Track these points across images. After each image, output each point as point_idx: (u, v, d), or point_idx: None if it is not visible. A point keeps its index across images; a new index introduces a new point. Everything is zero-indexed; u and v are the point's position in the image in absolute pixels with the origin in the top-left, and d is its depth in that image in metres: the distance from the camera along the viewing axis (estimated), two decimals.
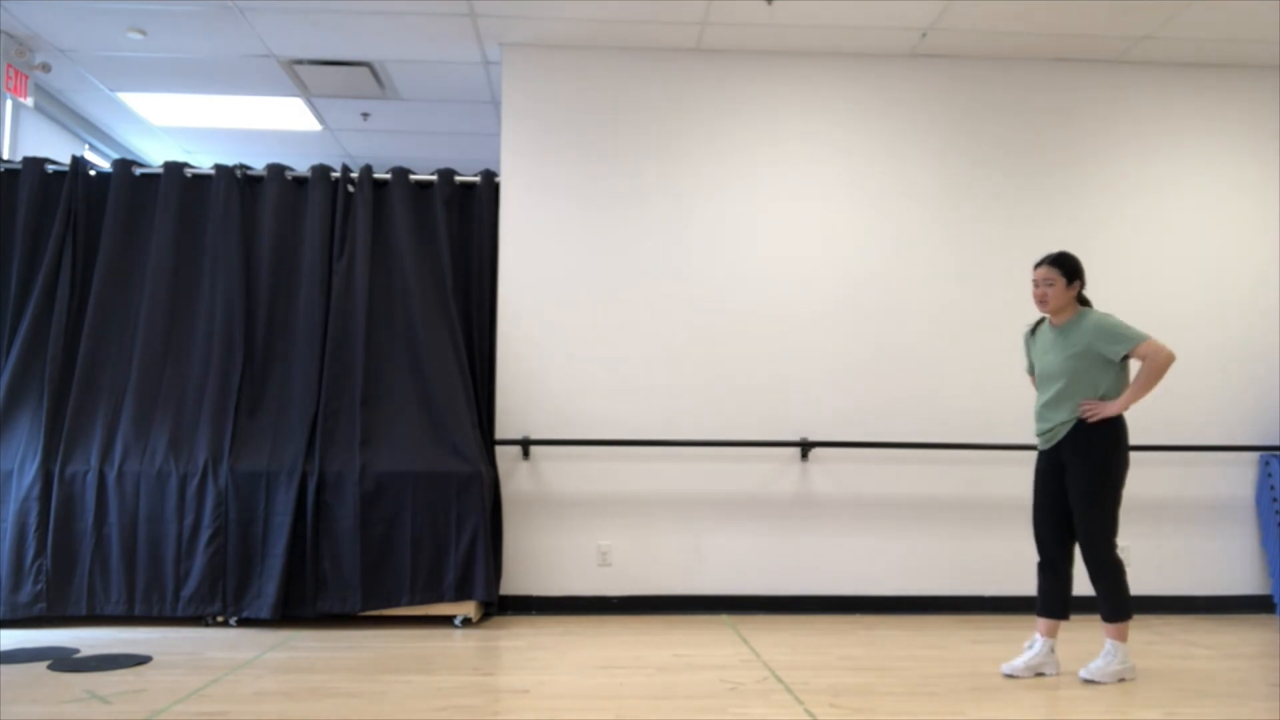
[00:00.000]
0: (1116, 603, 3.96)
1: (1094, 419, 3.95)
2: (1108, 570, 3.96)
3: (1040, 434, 4.13)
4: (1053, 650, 4.08)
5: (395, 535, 4.93)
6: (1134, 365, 4.08)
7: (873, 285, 5.68)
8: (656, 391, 5.55)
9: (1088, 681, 3.91)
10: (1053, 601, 4.09)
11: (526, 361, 5.52)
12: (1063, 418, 4.03)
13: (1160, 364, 3.91)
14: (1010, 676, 4.01)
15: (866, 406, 5.58)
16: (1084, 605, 4.99)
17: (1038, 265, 4.09)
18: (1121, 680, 3.94)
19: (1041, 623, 4.10)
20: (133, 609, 4.84)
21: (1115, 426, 4.00)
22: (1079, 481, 3.99)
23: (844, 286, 5.67)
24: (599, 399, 5.51)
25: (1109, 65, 5.86)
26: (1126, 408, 3.96)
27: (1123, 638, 3.97)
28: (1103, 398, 3.99)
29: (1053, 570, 4.11)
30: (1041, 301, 4.05)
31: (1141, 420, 5.65)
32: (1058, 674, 4.05)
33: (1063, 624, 4.12)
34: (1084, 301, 4.14)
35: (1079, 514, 3.98)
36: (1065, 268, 4.04)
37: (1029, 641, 4.13)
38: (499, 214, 5.61)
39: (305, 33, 5.59)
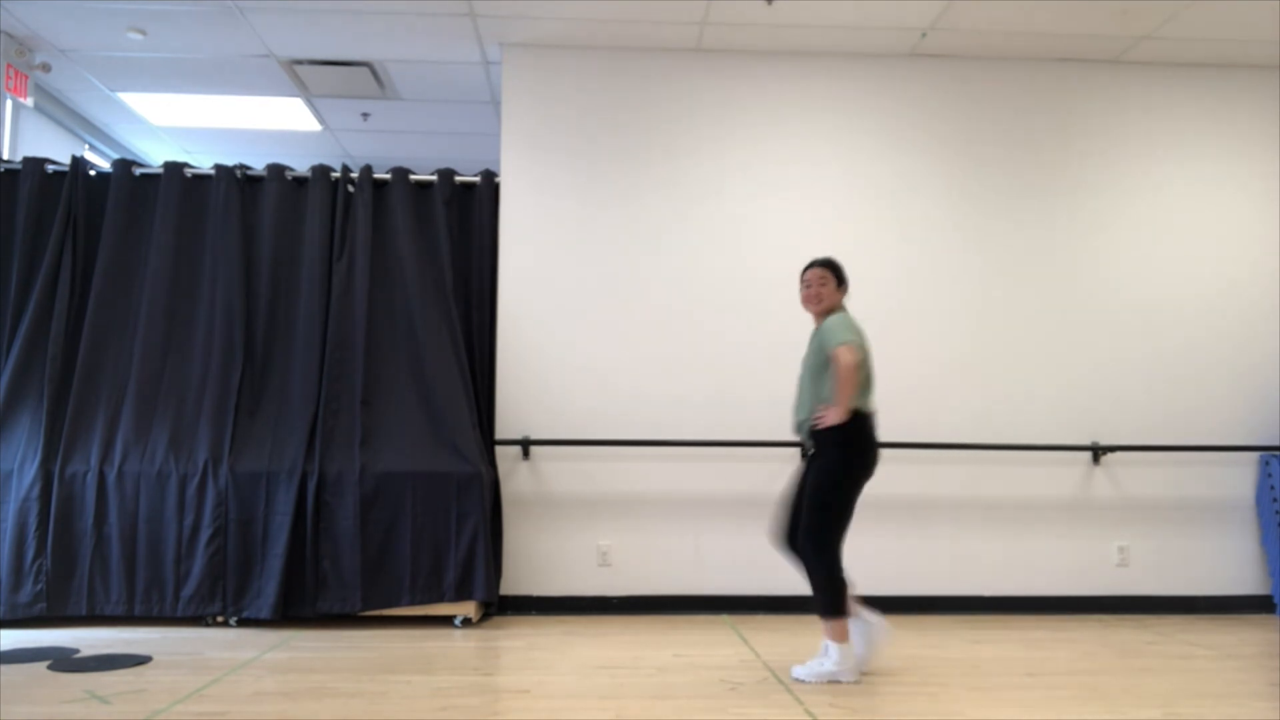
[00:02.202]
0: (823, 599, 3.87)
1: (821, 425, 3.95)
2: (816, 569, 3.89)
3: (794, 430, 4.17)
4: (845, 654, 3.92)
5: (395, 535, 4.93)
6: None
7: (872, 284, 5.67)
8: (657, 391, 5.55)
9: (797, 681, 3.88)
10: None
11: (526, 361, 5.52)
12: (803, 415, 4.08)
13: (841, 370, 3.86)
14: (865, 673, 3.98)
15: None
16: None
17: (809, 267, 4.14)
18: (834, 681, 3.85)
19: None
20: (133, 609, 4.84)
21: (847, 431, 3.91)
22: (810, 478, 3.99)
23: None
24: (599, 399, 5.51)
25: (1109, 65, 5.86)
26: (841, 415, 3.88)
27: (839, 638, 3.87)
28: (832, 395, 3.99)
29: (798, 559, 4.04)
30: (816, 300, 4.09)
31: (1141, 420, 5.68)
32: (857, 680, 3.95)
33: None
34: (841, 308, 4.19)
35: (805, 509, 3.95)
36: (837, 271, 4.12)
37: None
38: (499, 214, 5.61)
39: (305, 33, 5.59)
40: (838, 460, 3.94)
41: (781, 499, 4.17)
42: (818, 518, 3.91)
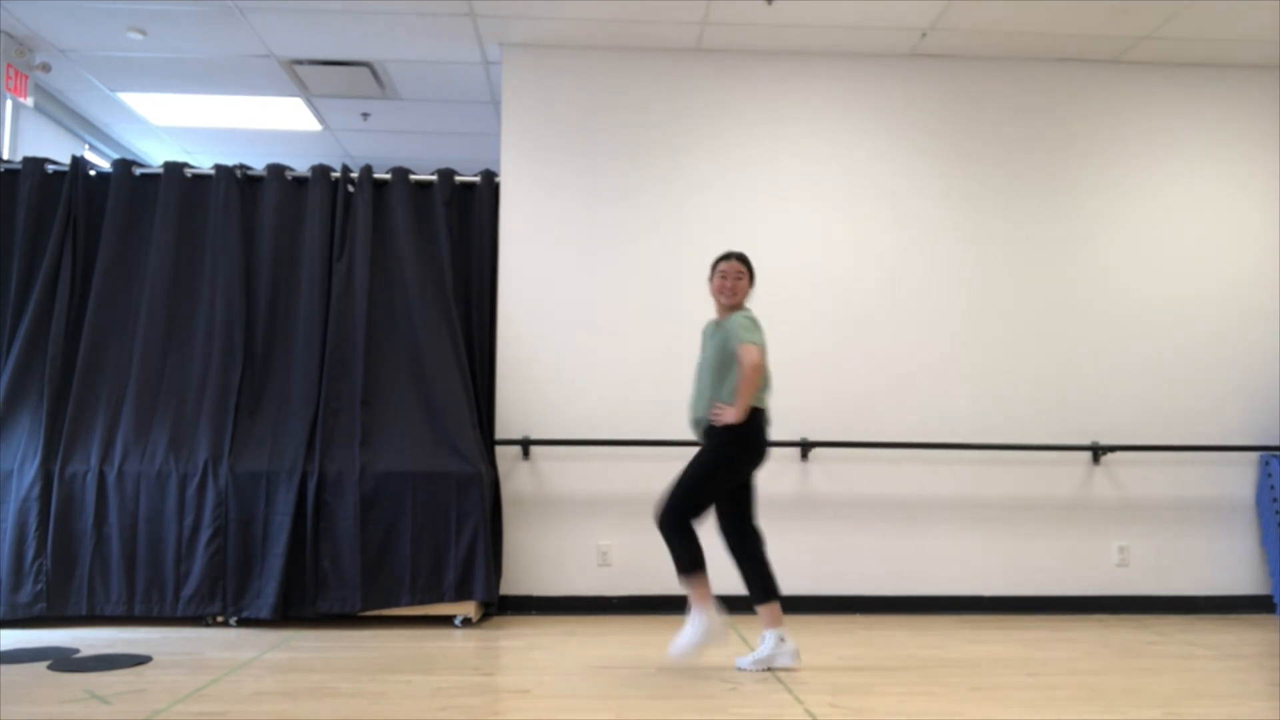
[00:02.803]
0: (686, 559, 3.96)
1: (718, 423, 3.99)
2: (669, 532, 3.97)
3: (692, 423, 4.18)
4: (783, 639, 4.04)
5: (395, 535, 4.93)
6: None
7: (872, 284, 5.68)
8: (657, 391, 5.54)
9: (740, 670, 3.99)
10: (752, 589, 4.06)
11: (526, 361, 5.52)
12: (700, 413, 4.10)
13: (745, 370, 3.92)
14: (741, 670, 4.02)
15: (866, 406, 5.58)
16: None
17: (727, 259, 4.18)
18: (768, 669, 3.96)
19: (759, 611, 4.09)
20: (133, 609, 4.84)
21: (740, 427, 3.98)
22: (694, 459, 4.04)
23: (843, 286, 5.67)
24: (599, 399, 5.51)
25: (1109, 65, 5.86)
26: (740, 415, 3.94)
27: (776, 622, 4.00)
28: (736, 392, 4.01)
29: (739, 558, 4.09)
30: (732, 294, 4.13)
31: (1141, 420, 5.68)
32: (794, 668, 4.03)
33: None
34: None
35: (677, 484, 4.01)
36: (752, 268, 4.19)
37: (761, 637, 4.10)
38: (499, 214, 5.61)
39: (305, 33, 5.59)
40: (725, 453, 4.01)
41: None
42: (687, 499, 3.98)
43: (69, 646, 4.38)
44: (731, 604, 5.45)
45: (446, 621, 5.01)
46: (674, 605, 5.41)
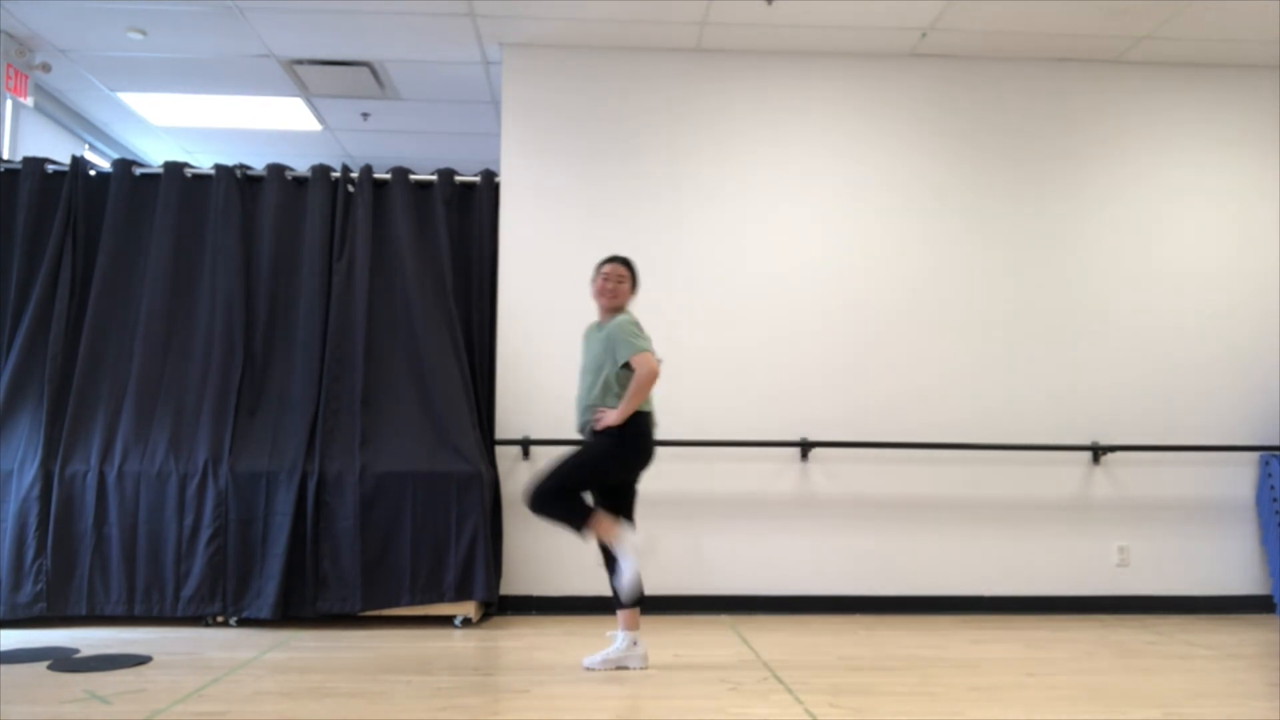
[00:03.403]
0: (624, 590, 3.97)
1: (599, 426, 3.99)
2: (543, 507, 3.98)
3: (578, 429, 4.17)
4: (635, 644, 4.06)
5: (395, 535, 4.93)
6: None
7: (872, 284, 5.68)
8: (656, 391, 5.51)
9: (588, 669, 3.98)
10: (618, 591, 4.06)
11: (526, 361, 5.52)
12: (586, 416, 4.09)
13: (642, 377, 3.93)
14: (590, 669, 4.01)
15: (866, 406, 5.58)
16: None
17: (610, 261, 4.21)
18: (621, 669, 3.97)
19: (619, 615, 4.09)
20: (133, 609, 4.84)
21: (626, 429, 3.98)
22: (582, 449, 4.05)
23: (844, 286, 5.67)
24: None
25: (1109, 65, 5.86)
26: (623, 418, 3.94)
27: (633, 625, 4.01)
28: (619, 395, 4.01)
29: (611, 560, 4.08)
30: (614, 296, 4.14)
31: (1141, 420, 5.68)
32: (644, 668, 4.04)
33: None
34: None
35: (559, 465, 4.02)
36: (634, 272, 4.20)
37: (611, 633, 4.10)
38: (499, 214, 5.61)
39: (305, 33, 5.59)
40: (611, 452, 4.01)
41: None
42: (559, 482, 3.97)
43: (69, 646, 4.38)
44: (732, 604, 5.46)
45: (446, 621, 5.01)
46: (674, 605, 5.41)
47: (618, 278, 4.17)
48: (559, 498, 3.98)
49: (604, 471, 4.06)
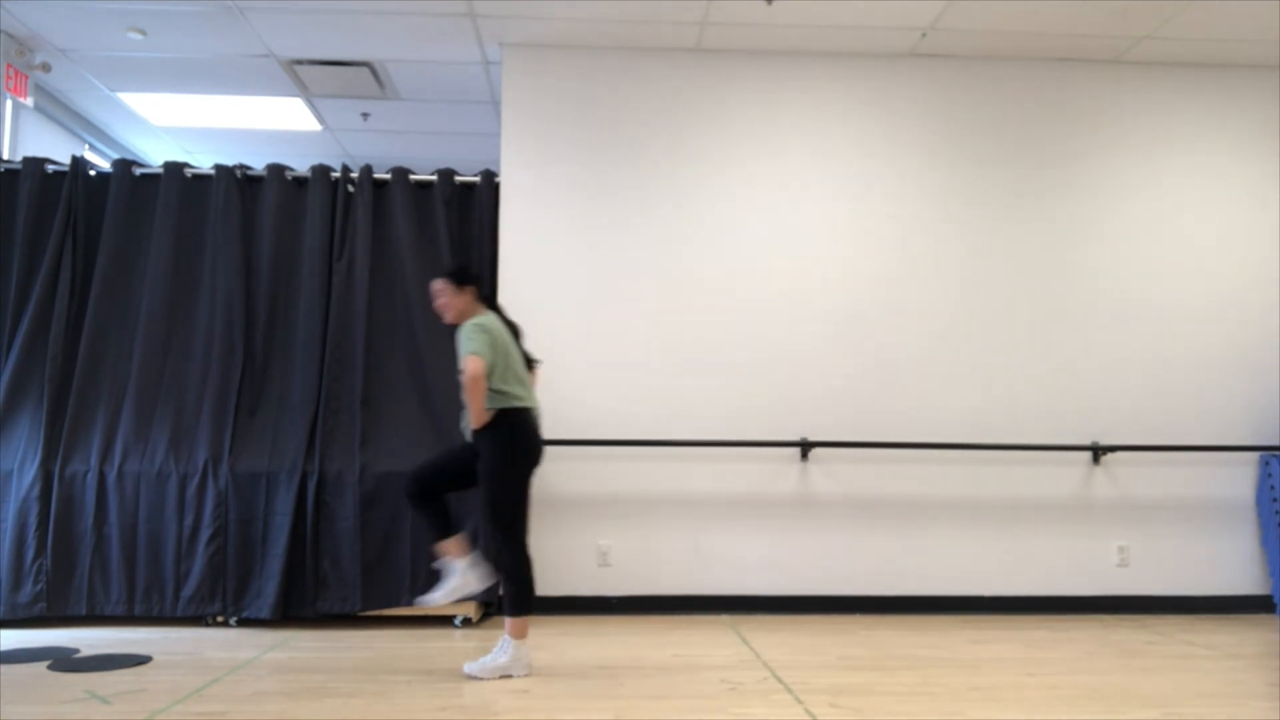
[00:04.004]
0: (513, 593, 3.94)
1: (474, 431, 3.99)
2: (505, 567, 3.96)
3: (463, 430, 4.14)
4: (520, 651, 3.99)
5: (395, 535, 4.93)
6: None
7: (872, 285, 5.68)
8: (656, 391, 5.55)
9: (469, 677, 3.91)
10: (506, 597, 4.02)
11: None
12: (466, 419, 4.06)
13: (466, 380, 3.90)
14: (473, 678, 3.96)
15: (866, 406, 5.58)
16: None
17: (433, 281, 4.17)
18: (506, 676, 3.92)
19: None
20: (133, 609, 4.85)
21: (500, 430, 3.96)
22: (483, 480, 4.00)
23: (844, 285, 5.67)
24: (599, 399, 5.51)
25: (1109, 65, 5.86)
26: (478, 421, 3.93)
27: (519, 634, 3.96)
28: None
29: (421, 505, 4.10)
30: (445, 309, 4.12)
31: (1141, 420, 5.68)
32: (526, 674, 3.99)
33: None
34: (493, 306, 4.21)
35: (482, 509, 4.04)
36: (455, 276, 4.12)
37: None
38: (499, 214, 5.61)
39: (305, 33, 5.59)
40: (495, 460, 3.97)
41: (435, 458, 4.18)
42: (495, 517, 3.96)
43: (69, 646, 4.38)
44: (732, 604, 5.46)
45: (446, 621, 5.01)
46: (674, 605, 5.42)
47: (438, 294, 4.13)
48: (517, 553, 3.95)
49: (511, 482, 3.99)
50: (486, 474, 3.97)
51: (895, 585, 5.51)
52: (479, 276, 4.24)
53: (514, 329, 4.25)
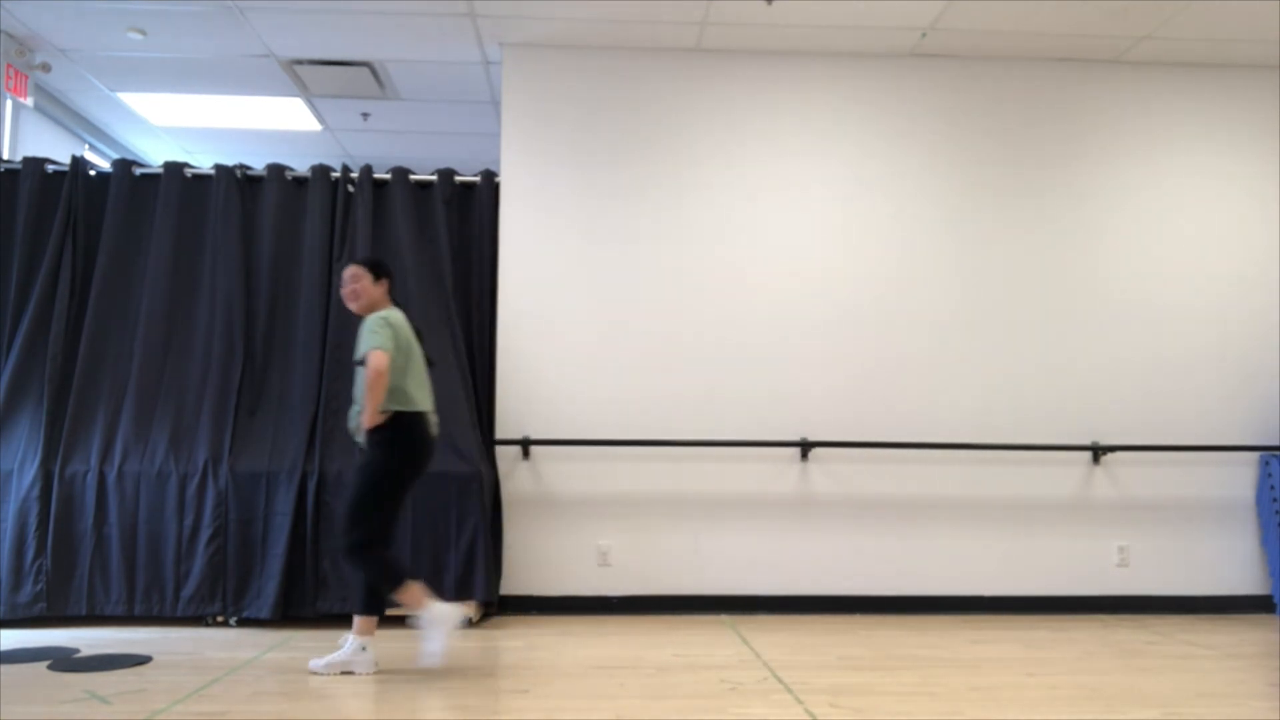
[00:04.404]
0: (363, 595, 3.91)
1: (365, 429, 3.93)
2: (355, 563, 3.89)
3: (352, 430, 4.08)
4: (364, 649, 3.98)
5: (395, 535, 4.92)
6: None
7: (872, 285, 5.68)
8: (656, 391, 5.55)
9: (313, 673, 3.88)
10: (360, 596, 4.01)
11: (526, 361, 5.52)
12: (354, 418, 4.02)
13: (368, 375, 3.84)
14: (315, 673, 3.93)
15: (866, 406, 5.58)
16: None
17: (346, 265, 4.12)
18: (347, 673, 3.91)
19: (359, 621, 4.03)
20: (133, 609, 4.85)
21: (392, 431, 3.92)
22: (354, 477, 3.96)
23: (844, 286, 5.67)
24: (599, 399, 5.52)
25: (1109, 65, 5.86)
26: (370, 420, 3.86)
27: (366, 632, 3.93)
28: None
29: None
30: (354, 298, 4.05)
31: (1141, 420, 5.68)
32: (372, 673, 3.97)
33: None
34: (397, 303, 4.19)
35: (346, 508, 3.92)
36: (373, 267, 4.10)
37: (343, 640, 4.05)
38: (499, 214, 5.61)
39: (305, 33, 5.59)
40: (383, 461, 3.91)
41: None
42: (361, 524, 3.87)
43: (69, 646, 4.38)
44: (732, 604, 5.46)
45: None
46: (674, 605, 5.42)
47: (353, 279, 4.06)
48: (369, 556, 3.87)
49: (388, 488, 3.92)
50: (367, 471, 3.89)
51: (895, 585, 5.51)
52: (393, 274, 4.22)
53: (418, 332, 4.18)
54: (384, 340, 3.87)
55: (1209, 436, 5.70)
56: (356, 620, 3.99)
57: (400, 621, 4.97)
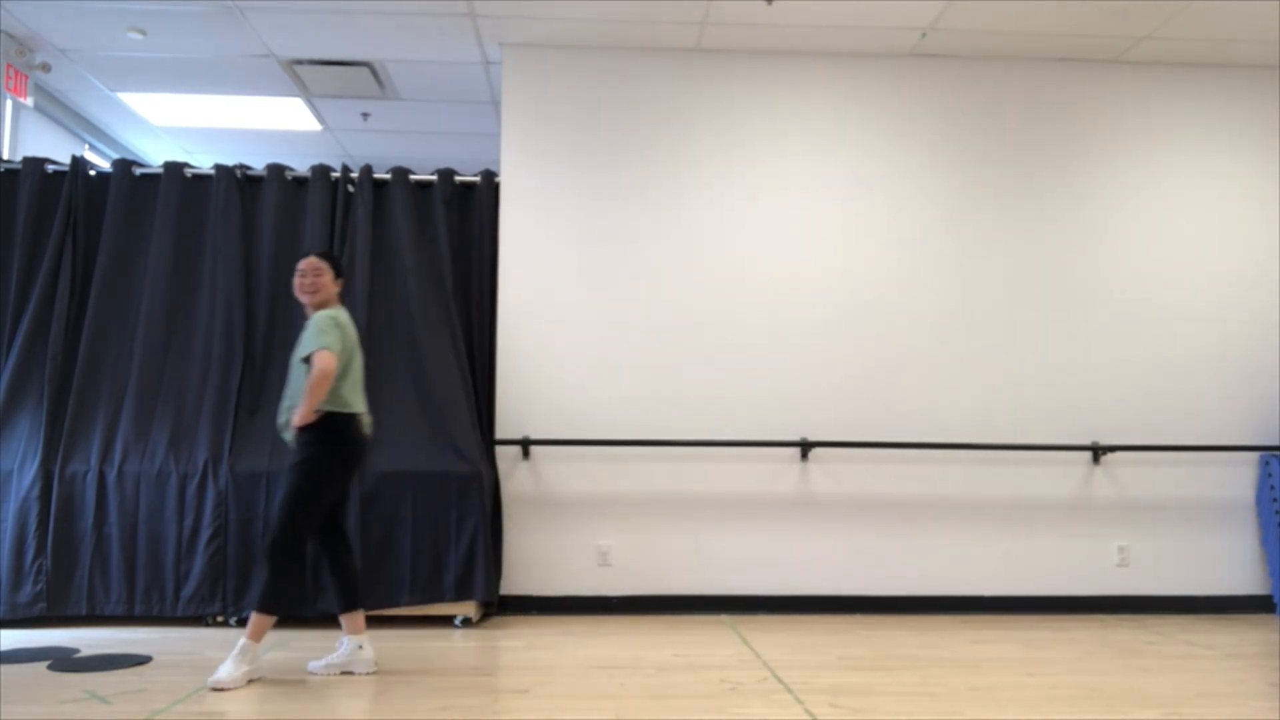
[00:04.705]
0: (266, 594, 3.79)
1: (293, 426, 3.89)
2: (274, 564, 3.81)
3: (281, 426, 4.02)
4: (361, 648, 3.97)
5: (395, 535, 4.93)
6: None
7: (872, 285, 5.68)
8: (656, 391, 5.55)
9: (216, 689, 3.66)
10: (338, 596, 3.99)
11: (526, 361, 5.52)
12: (285, 415, 3.98)
13: (315, 374, 3.78)
14: (314, 674, 3.91)
15: (866, 406, 5.58)
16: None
17: (306, 256, 4.05)
18: (347, 673, 3.88)
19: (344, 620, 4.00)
20: (133, 609, 4.85)
21: (325, 431, 3.89)
22: (288, 476, 3.90)
23: (844, 286, 5.67)
24: (599, 399, 5.52)
25: (1109, 65, 5.86)
26: (305, 418, 3.82)
27: (256, 636, 3.78)
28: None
29: (331, 566, 4.00)
30: (312, 291, 4.00)
31: (1141, 420, 5.68)
32: (371, 673, 3.96)
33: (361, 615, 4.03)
34: (343, 302, 4.19)
35: (279, 507, 3.86)
36: (334, 263, 4.07)
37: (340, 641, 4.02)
38: (499, 214, 5.61)
39: (305, 33, 5.60)
40: (315, 463, 3.87)
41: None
42: (292, 524, 3.83)
43: (69, 646, 4.38)
44: (732, 604, 5.46)
45: (446, 621, 5.01)
46: (674, 605, 5.42)
47: (314, 270, 4.01)
48: (292, 556, 3.82)
49: (321, 489, 3.87)
50: (299, 473, 3.85)
51: (895, 585, 5.51)
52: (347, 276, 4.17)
53: (360, 334, 4.18)
54: (333, 340, 3.85)
55: (1209, 436, 5.70)
56: (347, 620, 3.97)
57: (400, 622, 4.97)
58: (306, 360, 3.86)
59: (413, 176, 5.55)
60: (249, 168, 5.55)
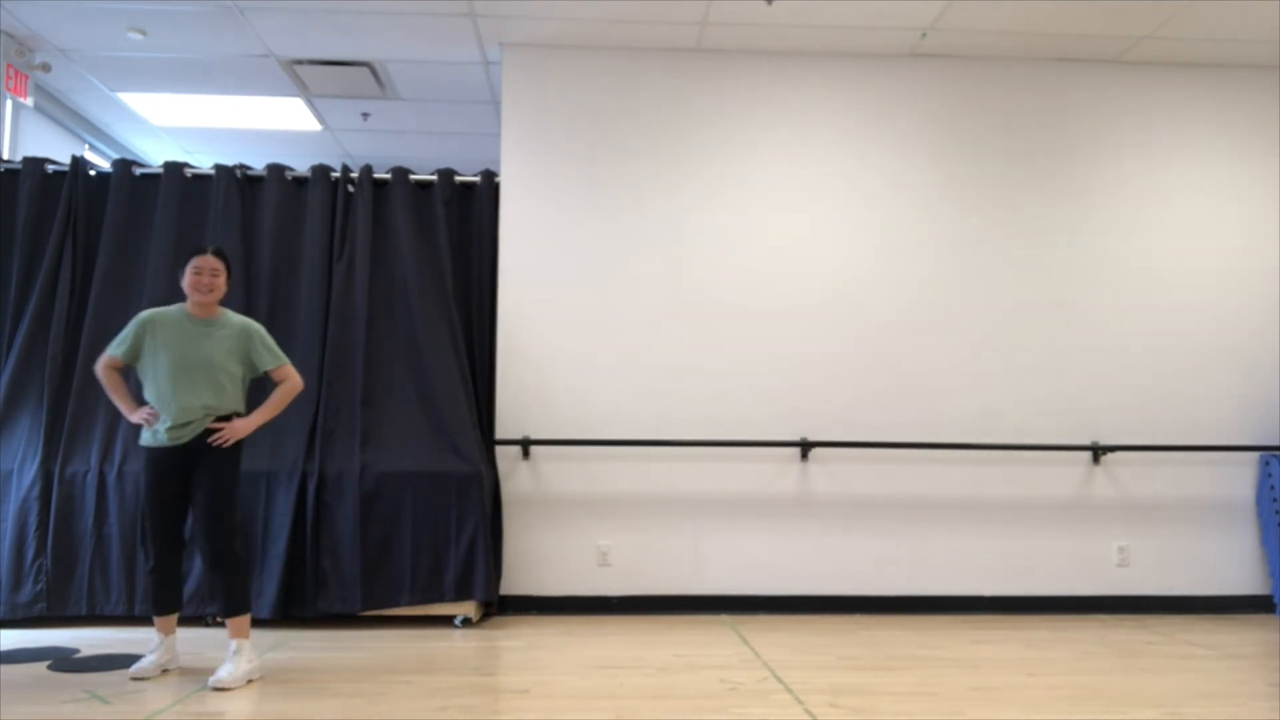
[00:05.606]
0: (237, 596, 3.85)
1: (228, 443, 3.88)
2: (230, 565, 3.84)
3: (175, 426, 3.84)
4: (251, 647, 3.94)
5: (395, 535, 4.93)
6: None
7: (873, 285, 5.68)
8: (657, 391, 5.55)
9: (219, 689, 3.65)
10: (174, 597, 4.00)
11: (526, 361, 5.52)
12: (198, 417, 3.88)
13: (289, 391, 4.01)
14: (139, 679, 3.83)
15: (866, 406, 5.58)
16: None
17: (203, 253, 3.97)
18: (251, 681, 3.81)
19: (161, 621, 3.98)
20: (133, 609, 4.84)
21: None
22: (213, 480, 3.85)
23: (844, 286, 5.67)
24: (599, 399, 5.52)
25: (1109, 65, 5.86)
26: (256, 427, 3.96)
27: (246, 634, 3.85)
28: (239, 401, 4.00)
29: (173, 567, 3.97)
30: (209, 290, 3.95)
31: (1141, 420, 5.68)
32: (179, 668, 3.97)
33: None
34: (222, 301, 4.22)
35: (210, 512, 3.82)
36: (229, 262, 4.07)
37: (154, 645, 3.98)
38: (499, 214, 5.61)
39: (305, 33, 5.60)
40: (236, 463, 3.94)
41: (164, 512, 3.88)
42: (228, 517, 3.86)
43: (69, 646, 4.38)
44: (732, 604, 5.46)
45: (446, 621, 5.01)
46: (674, 605, 5.42)
47: (212, 270, 3.95)
48: (238, 555, 3.87)
49: (237, 485, 3.96)
50: (228, 477, 3.88)
51: (895, 585, 5.52)
52: None
53: None
54: (283, 354, 4.09)
55: (1209, 436, 5.70)
56: (239, 622, 3.85)
57: (400, 622, 4.97)
58: (267, 373, 4.05)
59: (413, 176, 5.55)
60: (249, 168, 5.55)
